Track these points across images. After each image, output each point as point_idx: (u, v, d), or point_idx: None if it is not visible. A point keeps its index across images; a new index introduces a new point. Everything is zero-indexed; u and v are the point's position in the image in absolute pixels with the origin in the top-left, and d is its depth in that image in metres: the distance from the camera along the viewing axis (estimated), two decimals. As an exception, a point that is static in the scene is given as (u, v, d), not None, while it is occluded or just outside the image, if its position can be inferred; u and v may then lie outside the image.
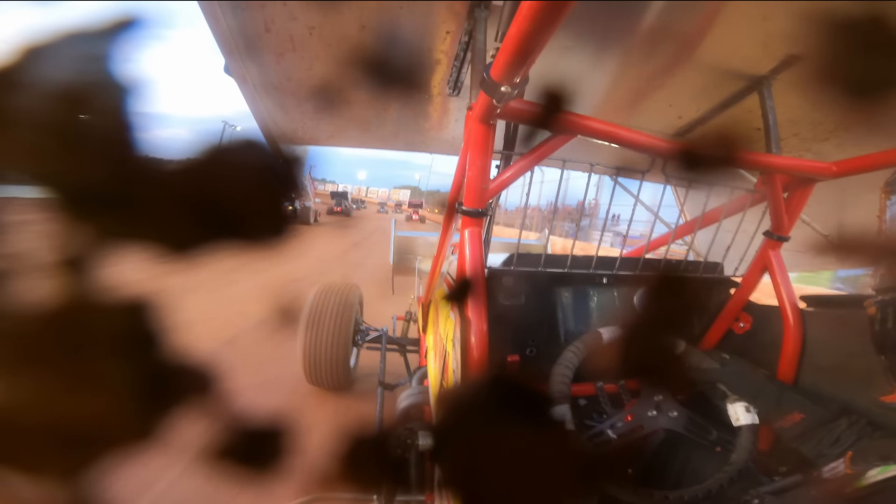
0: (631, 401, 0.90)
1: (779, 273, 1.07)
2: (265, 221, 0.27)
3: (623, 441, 0.82)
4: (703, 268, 1.17)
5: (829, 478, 0.64)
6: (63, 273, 0.22)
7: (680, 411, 0.87)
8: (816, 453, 0.79)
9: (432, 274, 1.50)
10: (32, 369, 0.21)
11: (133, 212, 0.23)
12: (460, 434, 0.31)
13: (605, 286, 1.13)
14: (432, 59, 1.04)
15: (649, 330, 0.42)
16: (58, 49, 0.21)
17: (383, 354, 1.94)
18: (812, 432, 0.82)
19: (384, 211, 34.46)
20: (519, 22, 0.46)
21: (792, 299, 1.04)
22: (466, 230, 0.82)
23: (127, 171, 0.23)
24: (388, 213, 31.69)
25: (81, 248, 0.22)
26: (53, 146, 0.21)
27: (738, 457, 0.81)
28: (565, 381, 0.84)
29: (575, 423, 0.80)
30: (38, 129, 0.21)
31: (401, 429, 0.86)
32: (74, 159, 0.22)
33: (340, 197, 20.40)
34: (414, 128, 1.51)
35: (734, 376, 0.97)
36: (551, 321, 1.10)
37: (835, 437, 0.78)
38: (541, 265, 1.03)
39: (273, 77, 1.11)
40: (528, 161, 0.83)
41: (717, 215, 1.12)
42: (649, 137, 0.82)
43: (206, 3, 0.83)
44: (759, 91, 1.04)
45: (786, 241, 1.08)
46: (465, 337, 0.76)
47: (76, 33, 0.22)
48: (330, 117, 1.42)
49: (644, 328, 0.42)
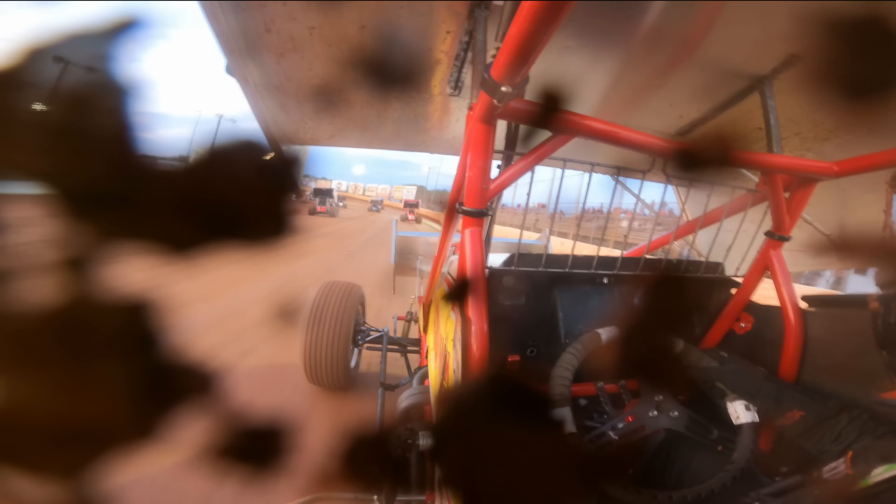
0: (632, 401, 0.90)
1: (780, 273, 1.07)
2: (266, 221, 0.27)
3: (624, 442, 0.82)
4: (704, 268, 1.17)
5: (829, 478, 0.64)
6: (64, 272, 0.22)
7: (681, 411, 0.87)
8: (819, 450, 0.79)
9: (433, 274, 1.50)
10: (33, 368, 0.21)
11: (134, 211, 0.23)
12: (460, 434, 0.31)
13: (605, 286, 1.13)
14: (433, 58, 1.04)
15: (648, 330, 0.42)
16: (60, 50, 0.21)
17: (384, 355, 1.95)
18: (813, 429, 0.82)
19: (377, 209, 28.09)
20: (519, 22, 0.46)
21: (793, 299, 1.04)
22: (467, 230, 0.82)
23: (128, 170, 0.23)
24: (380, 212, 26.57)
25: (83, 247, 0.22)
26: (56, 145, 0.21)
27: (739, 455, 0.81)
28: (565, 384, 0.84)
29: (576, 425, 0.80)
30: (40, 128, 0.21)
31: (401, 428, 0.86)
32: (76, 158, 0.22)
33: (324, 195, 17.06)
34: (415, 128, 1.51)
35: (732, 374, 0.97)
36: (552, 321, 1.10)
37: (836, 434, 0.78)
38: (541, 265, 1.03)
39: (274, 77, 1.11)
40: (528, 161, 0.83)
41: (719, 215, 1.12)
42: (650, 137, 0.82)
43: (207, 3, 0.83)
44: (759, 91, 1.04)
45: (787, 240, 1.08)
46: (466, 337, 0.76)
47: (78, 34, 0.22)
48: (330, 117, 1.43)
49: (642, 328, 0.43)
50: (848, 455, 0.64)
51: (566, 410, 0.80)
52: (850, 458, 0.64)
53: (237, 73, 1.06)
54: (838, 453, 0.70)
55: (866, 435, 0.74)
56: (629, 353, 0.81)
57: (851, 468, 0.62)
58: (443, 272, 1.38)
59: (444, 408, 0.34)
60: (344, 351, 2.02)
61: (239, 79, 1.09)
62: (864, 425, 0.76)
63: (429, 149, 1.74)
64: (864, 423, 0.77)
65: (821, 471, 0.65)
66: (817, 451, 0.77)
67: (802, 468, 0.74)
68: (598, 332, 0.92)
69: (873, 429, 0.75)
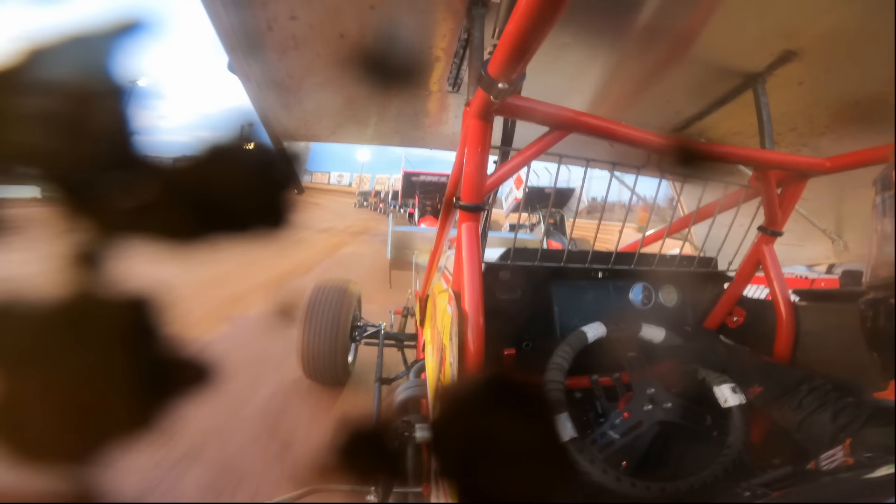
0: (626, 394, 0.92)
1: (772, 267, 1.08)
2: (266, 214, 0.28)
3: (626, 440, 0.83)
4: (697, 262, 1.18)
5: (827, 467, 0.64)
6: (71, 267, 0.23)
7: (674, 401, 0.88)
8: (780, 418, 0.82)
9: (430, 268, 1.51)
10: (38, 361, 0.22)
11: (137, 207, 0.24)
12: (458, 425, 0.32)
13: (600, 280, 1.15)
14: (432, 56, 1.06)
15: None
16: (63, 50, 0.22)
17: (380, 350, 1.96)
18: (773, 402, 0.85)
19: (366, 205, 18.66)
20: (516, 18, 0.47)
21: (785, 293, 1.05)
22: (464, 225, 0.84)
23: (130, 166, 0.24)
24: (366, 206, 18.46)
25: (88, 242, 0.23)
26: (59, 144, 0.22)
27: (734, 438, 0.82)
28: (559, 388, 0.85)
29: (574, 424, 0.80)
30: (45, 126, 0.22)
31: (398, 421, 0.88)
32: (80, 156, 0.22)
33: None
34: (414, 124, 1.52)
35: (701, 353, 0.97)
36: (547, 315, 1.11)
37: (797, 403, 0.80)
38: (537, 259, 1.05)
39: (275, 74, 1.12)
40: (525, 157, 0.84)
41: (712, 210, 1.13)
42: (645, 133, 0.84)
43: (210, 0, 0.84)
44: (753, 87, 1.05)
45: (779, 235, 1.09)
46: (463, 330, 0.77)
47: (80, 35, 0.22)
48: (331, 114, 1.44)
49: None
50: (846, 442, 0.65)
51: (564, 417, 0.79)
52: (849, 444, 0.64)
53: (239, 70, 1.08)
54: (830, 440, 0.71)
55: (828, 406, 0.76)
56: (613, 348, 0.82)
57: (850, 456, 0.62)
58: (439, 266, 1.39)
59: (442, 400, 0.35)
60: (341, 347, 2.04)
61: (241, 76, 1.10)
62: (825, 396, 0.78)
63: (427, 145, 1.75)
64: (826, 393, 0.79)
65: (818, 459, 0.66)
66: (804, 437, 0.78)
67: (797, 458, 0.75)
68: (584, 331, 0.92)
69: (834, 399, 0.77)
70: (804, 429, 0.79)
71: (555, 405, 0.81)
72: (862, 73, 0.94)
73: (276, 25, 0.93)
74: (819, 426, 0.76)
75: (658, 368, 0.93)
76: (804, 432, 0.79)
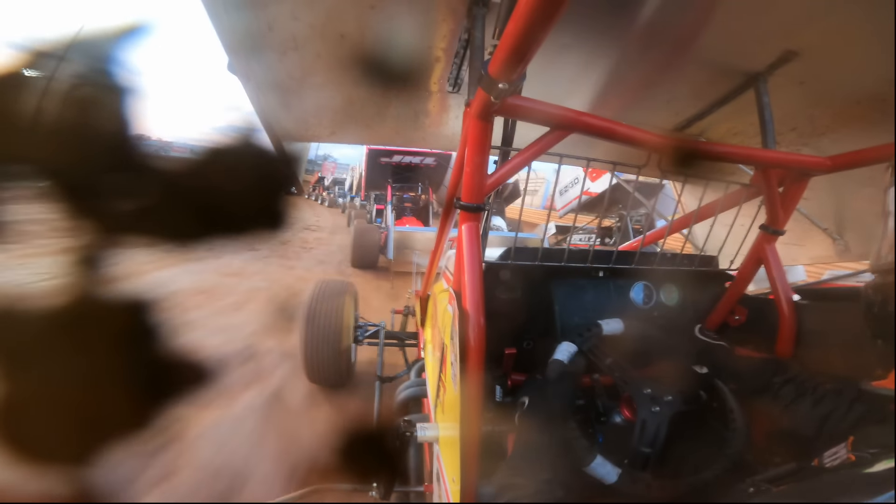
0: (625, 394, 0.91)
1: (774, 266, 1.08)
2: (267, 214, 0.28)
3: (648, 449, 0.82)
4: (698, 261, 1.18)
5: (830, 464, 0.63)
6: (73, 267, 0.23)
7: (674, 396, 0.88)
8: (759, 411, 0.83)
9: (430, 268, 1.51)
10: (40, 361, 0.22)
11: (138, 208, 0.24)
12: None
13: (601, 280, 1.15)
14: (432, 56, 1.06)
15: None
16: (66, 52, 0.22)
17: (381, 349, 1.96)
18: (750, 395, 0.86)
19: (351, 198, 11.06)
20: (516, 19, 0.47)
21: (787, 292, 1.05)
22: (464, 225, 0.84)
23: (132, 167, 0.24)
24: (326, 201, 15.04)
25: (90, 243, 0.23)
26: (63, 144, 0.22)
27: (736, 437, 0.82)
28: (576, 435, 0.79)
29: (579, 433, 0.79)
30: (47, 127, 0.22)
31: (399, 420, 0.88)
32: (82, 158, 0.23)
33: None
34: (414, 124, 1.52)
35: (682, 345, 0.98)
36: (548, 314, 1.11)
37: (773, 394, 0.83)
38: (538, 259, 1.05)
39: (276, 75, 1.12)
40: (525, 157, 0.84)
41: (714, 209, 1.13)
42: (646, 133, 0.83)
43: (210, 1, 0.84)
44: (755, 87, 1.05)
45: (781, 234, 1.09)
46: (464, 330, 0.77)
47: (83, 37, 0.22)
48: (331, 114, 1.44)
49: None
50: (849, 440, 0.64)
51: (602, 462, 0.75)
52: (852, 442, 0.64)
53: (239, 70, 1.08)
54: (829, 437, 0.70)
55: (806, 395, 0.77)
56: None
57: (853, 452, 0.62)
58: (440, 266, 1.39)
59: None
60: (343, 348, 2.04)
61: (241, 76, 1.10)
62: (799, 386, 0.79)
63: (428, 145, 1.75)
64: (801, 383, 0.79)
65: (821, 456, 0.66)
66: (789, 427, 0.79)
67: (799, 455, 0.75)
68: (559, 360, 0.89)
69: (812, 389, 0.77)
70: (787, 419, 0.79)
71: (584, 456, 0.77)
72: (863, 73, 0.94)
73: (277, 26, 0.94)
74: (801, 415, 0.76)
75: (649, 370, 0.93)
76: (788, 422, 0.80)
